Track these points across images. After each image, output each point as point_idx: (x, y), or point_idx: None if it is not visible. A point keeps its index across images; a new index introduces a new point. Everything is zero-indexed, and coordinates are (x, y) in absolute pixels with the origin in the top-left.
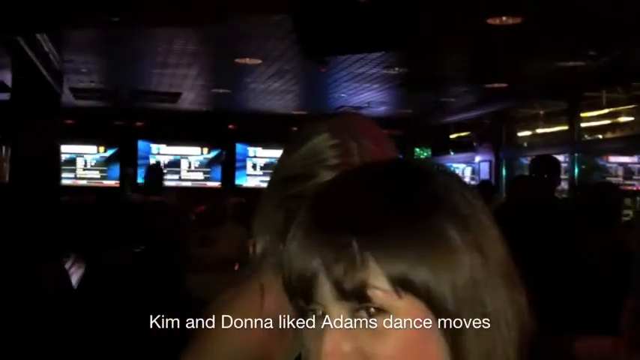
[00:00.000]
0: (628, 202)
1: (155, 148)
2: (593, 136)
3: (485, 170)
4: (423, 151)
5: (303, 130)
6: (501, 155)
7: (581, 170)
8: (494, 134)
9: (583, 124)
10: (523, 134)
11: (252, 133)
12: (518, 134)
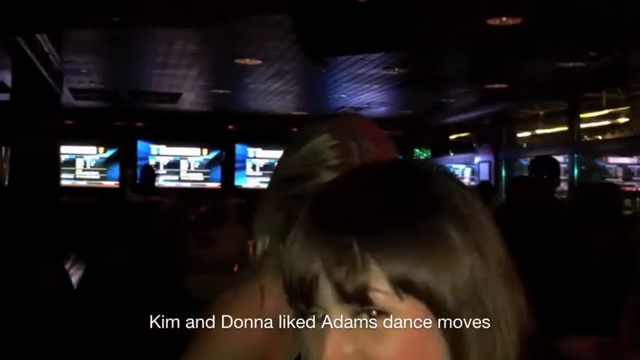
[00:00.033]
0: (628, 202)
1: (155, 148)
2: (592, 137)
3: (485, 171)
4: (422, 152)
5: (303, 131)
6: (501, 156)
7: (581, 171)
8: (493, 135)
9: (583, 124)
10: (523, 135)
11: (252, 133)
12: (517, 135)
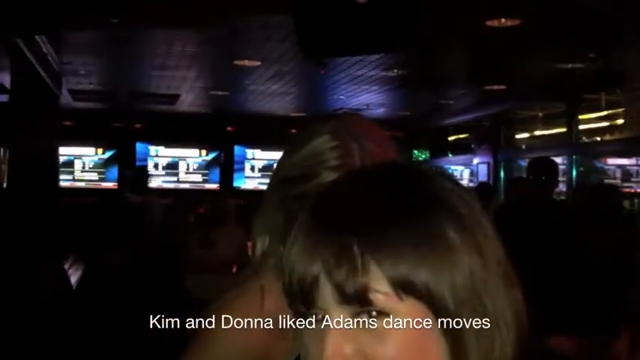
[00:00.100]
0: (626, 204)
1: (153, 149)
2: (591, 139)
3: (484, 172)
4: (421, 153)
5: (303, 132)
6: (500, 157)
7: (580, 172)
8: (492, 136)
9: (581, 126)
10: (521, 136)
11: (251, 135)
12: (516, 136)
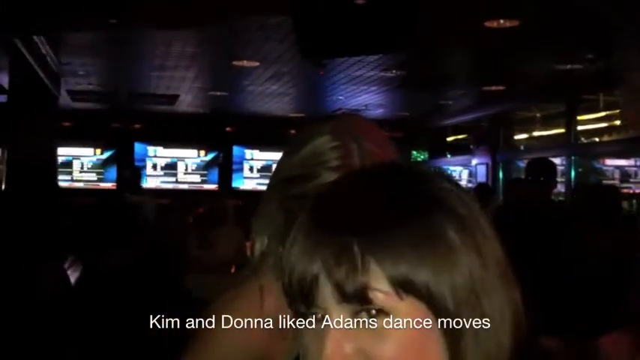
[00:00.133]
0: (625, 204)
1: (152, 150)
2: (590, 139)
3: (482, 173)
4: (420, 154)
5: (303, 132)
6: (498, 158)
7: (578, 173)
8: (491, 137)
9: (580, 127)
10: (520, 137)
11: (250, 135)
12: (515, 137)
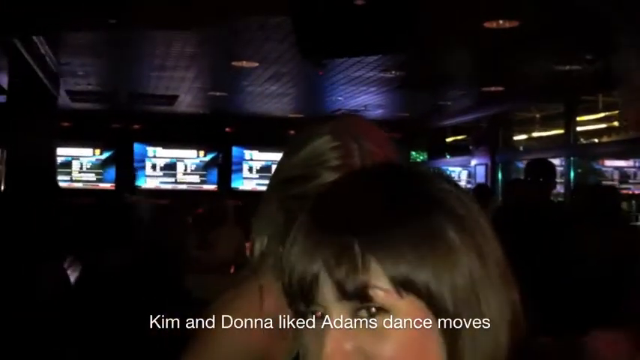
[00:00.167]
0: (624, 205)
1: (151, 150)
2: (589, 140)
3: (482, 174)
4: (419, 154)
5: (303, 133)
6: (497, 159)
7: (577, 174)
8: (490, 138)
9: (579, 127)
10: (519, 138)
11: (249, 136)
12: (514, 138)
